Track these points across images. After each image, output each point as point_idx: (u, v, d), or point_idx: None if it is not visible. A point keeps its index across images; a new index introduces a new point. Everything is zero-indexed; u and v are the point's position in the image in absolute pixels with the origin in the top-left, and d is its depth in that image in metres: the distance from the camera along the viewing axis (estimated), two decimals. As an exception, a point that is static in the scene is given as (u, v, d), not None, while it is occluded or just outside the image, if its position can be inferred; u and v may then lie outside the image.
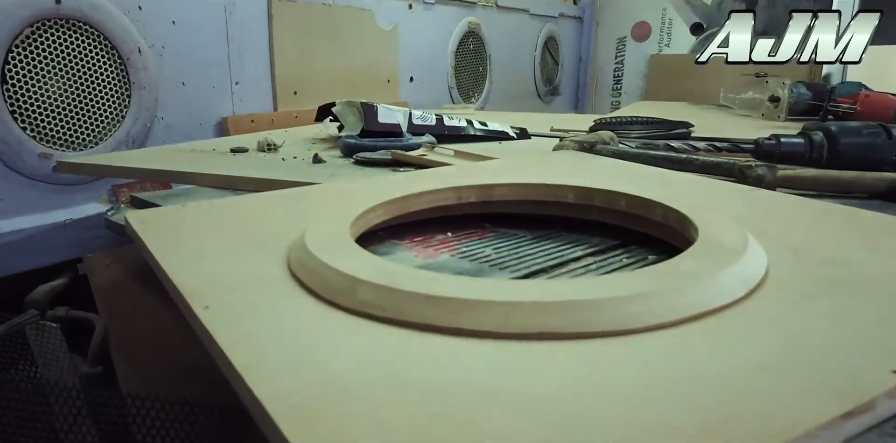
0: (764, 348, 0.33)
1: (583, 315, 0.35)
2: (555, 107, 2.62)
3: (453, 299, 0.36)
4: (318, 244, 0.45)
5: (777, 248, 0.47)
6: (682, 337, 0.34)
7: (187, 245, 0.50)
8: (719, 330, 0.35)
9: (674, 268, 0.40)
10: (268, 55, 1.38)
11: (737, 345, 0.33)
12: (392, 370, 0.31)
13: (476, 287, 0.37)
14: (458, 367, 0.32)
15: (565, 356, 0.33)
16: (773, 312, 0.37)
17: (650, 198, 0.55)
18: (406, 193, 0.61)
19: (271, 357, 0.33)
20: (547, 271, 0.53)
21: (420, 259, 0.55)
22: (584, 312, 0.35)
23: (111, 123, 1.13)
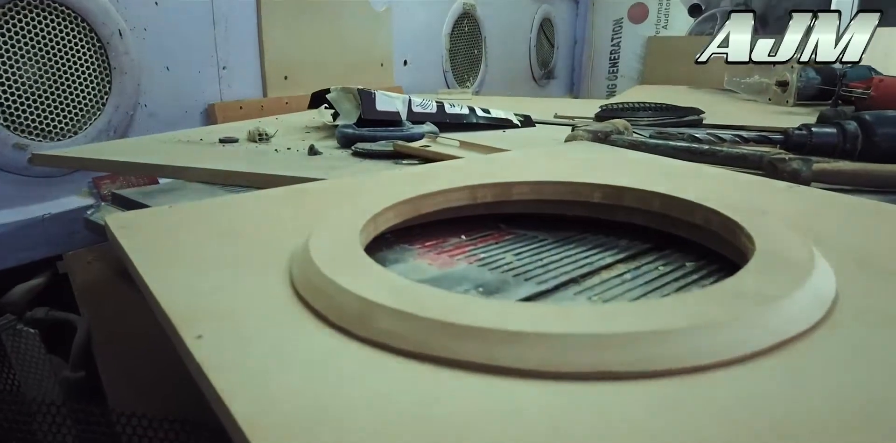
0: (863, 383, 0.28)
1: (648, 350, 0.30)
2: (550, 90, 2.56)
3: (491, 331, 0.31)
4: (325, 257, 0.39)
5: (838, 258, 0.42)
6: (762, 374, 0.29)
7: (175, 256, 0.44)
8: (805, 364, 0.30)
9: (738, 288, 0.35)
10: (256, 38, 1.31)
11: (831, 381, 0.28)
12: (420, 418, 0.26)
13: (517, 315, 0.32)
14: (501, 414, 0.27)
15: (630, 400, 0.28)
16: (860, 339, 0.32)
17: (688, 198, 0.50)
18: (415, 190, 0.55)
19: (279, 406, 0.27)
20: (577, 282, 0.47)
21: (436, 268, 0.49)
22: (650, 347, 0.30)
23: (91, 111, 1.06)
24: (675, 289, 0.45)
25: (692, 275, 0.48)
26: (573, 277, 0.48)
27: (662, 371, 0.29)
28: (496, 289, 0.45)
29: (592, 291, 0.45)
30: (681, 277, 0.48)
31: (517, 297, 0.44)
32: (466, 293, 0.44)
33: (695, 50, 2.08)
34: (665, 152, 0.79)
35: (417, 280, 0.47)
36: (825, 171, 0.66)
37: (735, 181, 0.61)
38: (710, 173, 0.64)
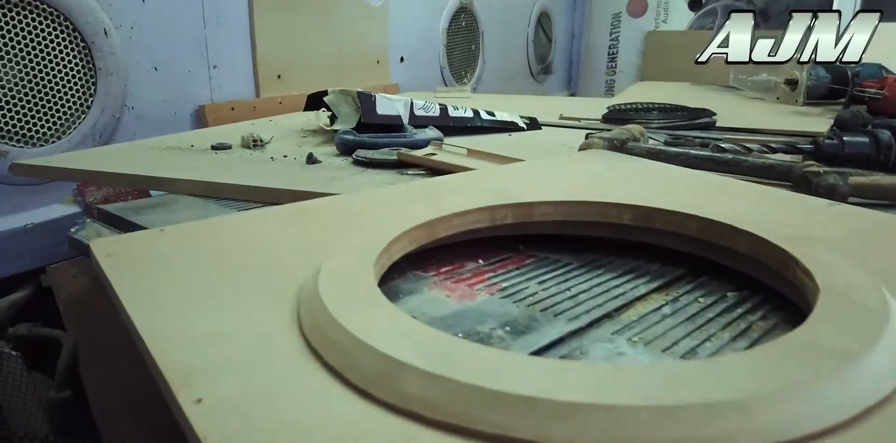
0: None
1: (726, 425, 0.25)
2: (548, 86, 2.52)
3: (541, 401, 0.26)
4: (337, 301, 0.35)
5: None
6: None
7: (168, 294, 0.39)
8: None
9: (814, 341, 0.31)
10: (248, 36, 1.25)
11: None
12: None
13: (570, 380, 0.28)
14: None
15: None
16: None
17: (729, 223, 0.46)
18: (428, 209, 0.51)
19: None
20: (612, 317, 0.43)
21: (455, 301, 0.45)
22: (727, 420, 0.26)
23: (75, 114, 1.00)
24: (722, 326, 0.41)
25: (736, 308, 0.44)
26: (607, 312, 0.44)
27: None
28: (525, 327, 0.41)
29: (631, 330, 0.41)
30: (724, 312, 0.44)
31: (549, 337, 0.39)
32: (492, 333, 0.40)
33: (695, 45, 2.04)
34: (686, 162, 0.75)
35: (437, 317, 0.42)
36: (862, 185, 0.62)
37: (771, 198, 0.57)
38: (741, 188, 0.60)
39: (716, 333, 0.41)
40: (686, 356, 0.37)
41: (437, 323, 0.41)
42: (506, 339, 0.39)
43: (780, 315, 0.43)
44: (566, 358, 0.37)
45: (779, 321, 0.42)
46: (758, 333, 0.41)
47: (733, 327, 0.41)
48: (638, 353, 0.38)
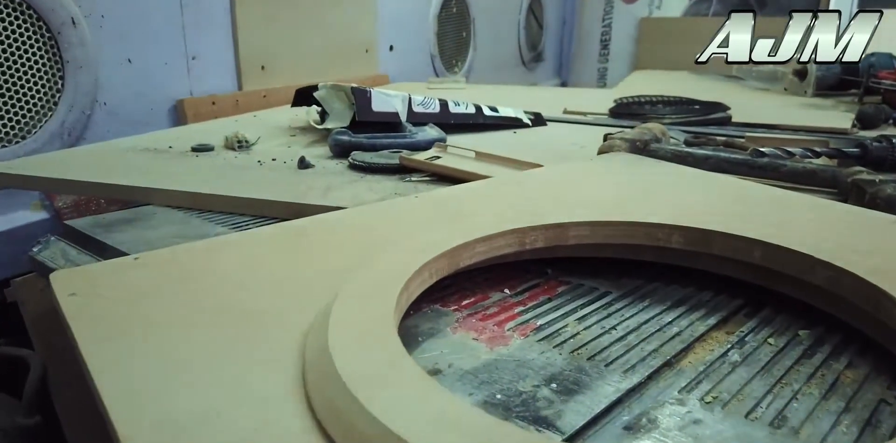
0: None
1: None
2: (539, 74, 2.44)
3: None
4: (354, 366, 0.28)
5: None
6: None
7: (142, 354, 0.32)
8: None
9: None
10: (229, 24, 1.17)
11: None
12: None
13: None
14: None
15: None
16: None
17: (805, 251, 0.39)
18: (447, 230, 0.44)
19: None
20: (671, 365, 0.37)
21: (485, 346, 0.38)
22: None
23: (41, 111, 0.92)
24: (806, 379, 0.35)
25: (815, 352, 0.38)
26: (666, 360, 0.37)
27: None
28: (574, 384, 0.34)
29: (699, 385, 0.34)
30: (803, 357, 0.37)
31: (606, 398, 0.33)
32: (537, 393, 0.33)
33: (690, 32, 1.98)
34: (717, 165, 0.69)
35: (468, 369, 0.36)
36: (920, 195, 0.55)
37: (829, 214, 0.50)
38: (794, 202, 0.53)
39: (801, 388, 0.34)
40: (775, 424, 0.31)
41: (470, 379, 0.35)
42: (555, 402, 0.33)
43: (869, 361, 0.37)
44: (633, 428, 0.31)
45: (870, 371, 0.36)
46: (850, 387, 0.34)
47: (819, 380, 0.35)
48: (717, 420, 0.31)
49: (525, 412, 0.32)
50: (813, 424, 0.31)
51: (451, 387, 0.34)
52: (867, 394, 0.34)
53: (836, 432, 0.31)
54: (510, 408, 0.32)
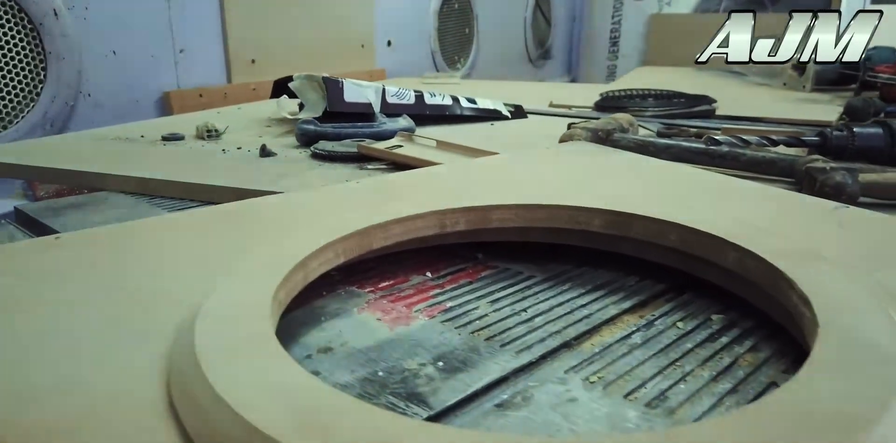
0: None
1: None
2: (547, 72, 2.43)
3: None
4: (213, 339, 0.28)
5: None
6: None
7: (32, 324, 0.32)
8: None
9: (811, 401, 0.23)
10: (218, 16, 1.18)
11: None
12: None
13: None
14: None
15: None
16: None
17: (716, 234, 0.38)
18: (371, 213, 0.43)
19: None
20: (570, 346, 0.36)
21: (386, 327, 0.38)
22: None
23: (22, 102, 0.93)
24: (702, 361, 0.34)
25: (721, 336, 0.37)
26: (566, 341, 0.36)
27: None
28: (462, 363, 0.34)
29: (591, 366, 0.34)
30: (706, 341, 0.36)
31: (489, 376, 0.32)
32: (421, 371, 0.33)
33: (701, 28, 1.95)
34: (677, 155, 0.67)
35: (359, 348, 0.35)
36: (874, 183, 0.54)
37: (771, 200, 0.49)
38: (739, 189, 0.52)
39: (693, 370, 0.33)
40: (653, 404, 0.30)
41: (358, 357, 0.34)
42: (435, 379, 0.32)
43: (774, 345, 0.36)
44: (504, 406, 0.30)
45: (771, 354, 0.35)
46: (745, 370, 0.33)
47: (715, 363, 0.34)
48: (593, 398, 0.31)
49: (401, 389, 0.31)
50: (692, 404, 0.30)
51: (336, 364, 0.34)
52: (760, 377, 0.33)
53: (714, 412, 0.30)
54: (387, 384, 0.32)
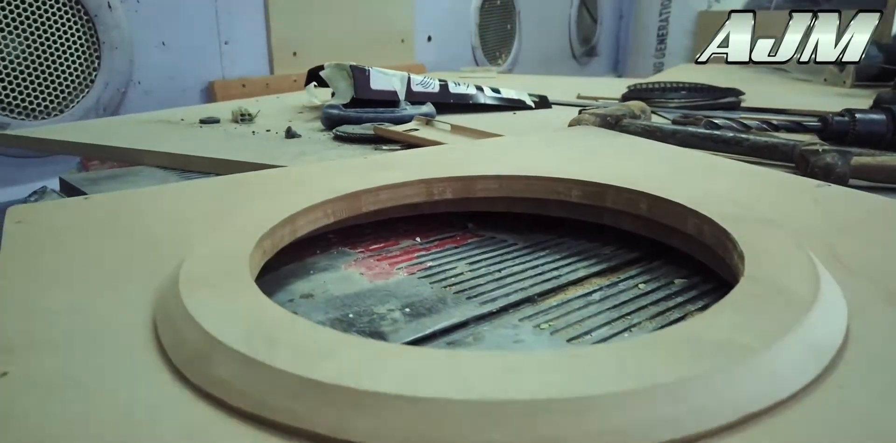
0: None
1: (554, 427, 0.21)
2: (592, 69, 2.43)
3: (344, 389, 0.23)
4: (196, 273, 0.32)
5: (860, 287, 0.32)
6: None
7: (49, 263, 0.37)
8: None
9: (701, 334, 0.26)
10: (262, 11, 1.24)
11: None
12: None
13: (391, 366, 0.24)
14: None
15: None
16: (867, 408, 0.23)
17: (679, 201, 0.41)
18: (365, 180, 0.47)
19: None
20: (533, 301, 0.39)
21: (367, 280, 0.41)
22: (557, 422, 0.21)
23: (78, 88, 1.01)
24: (652, 316, 0.37)
25: (677, 297, 0.39)
26: (529, 296, 0.39)
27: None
28: (427, 310, 0.37)
29: (547, 316, 0.37)
30: (662, 300, 0.39)
31: (448, 321, 0.35)
32: (388, 315, 0.36)
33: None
34: (683, 140, 0.69)
35: (337, 295, 0.39)
36: (867, 166, 0.55)
37: (755, 178, 0.51)
38: (727, 168, 0.54)
39: (641, 322, 0.36)
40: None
41: (335, 303, 0.38)
42: (399, 321, 0.36)
43: (726, 306, 0.38)
44: (455, 344, 0.33)
45: (720, 313, 0.37)
46: (689, 324, 0.36)
47: (664, 317, 0.37)
48: (539, 341, 0.34)
49: (366, 327, 0.35)
50: (628, 349, 0.33)
51: (314, 307, 0.37)
52: (701, 330, 0.35)
53: (647, 357, 0.32)
54: (355, 324, 0.35)
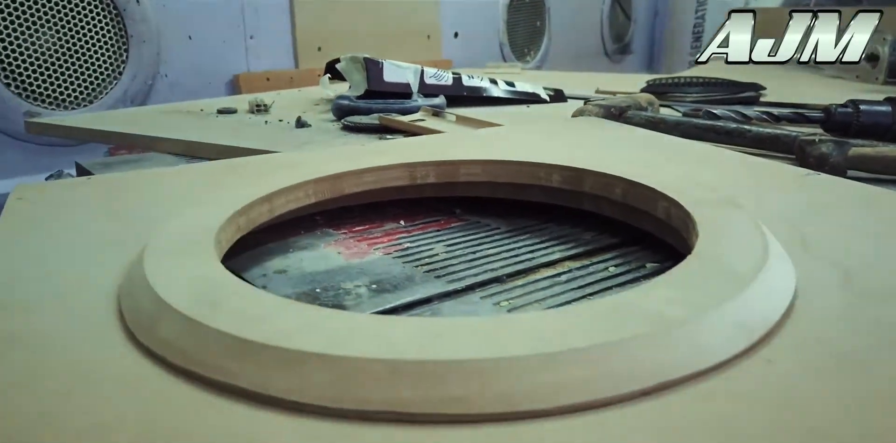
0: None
1: (462, 388, 0.22)
2: (625, 67, 2.41)
3: (272, 348, 0.24)
4: (163, 244, 0.33)
5: (818, 269, 0.32)
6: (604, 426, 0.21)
7: (39, 234, 0.39)
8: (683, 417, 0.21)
9: (631, 305, 0.26)
10: (288, 6, 1.26)
11: None
12: None
13: (321, 328, 0.25)
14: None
15: None
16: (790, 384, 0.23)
17: (652, 185, 0.41)
18: (352, 164, 0.48)
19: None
20: (501, 281, 0.39)
21: (342, 258, 0.42)
22: (465, 383, 0.22)
23: (106, 80, 1.04)
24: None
25: (645, 280, 0.39)
26: (498, 276, 0.40)
27: (472, 415, 0.22)
28: (393, 287, 0.38)
29: (510, 294, 0.37)
30: (629, 282, 0.39)
31: (411, 297, 0.36)
32: (354, 290, 0.37)
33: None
34: (686, 132, 0.69)
35: (308, 272, 0.40)
36: (865, 156, 0.54)
37: (745, 167, 0.51)
38: (718, 157, 0.54)
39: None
40: (546, 325, 0.33)
41: (305, 278, 0.39)
42: (363, 296, 0.37)
43: (692, 289, 0.38)
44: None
45: (683, 295, 0.37)
46: (649, 305, 0.36)
47: (625, 299, 0.37)
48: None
49: (329, 301, 0.36)
50: (581, 326, 0.33)
51: (284, 282, 0.39)
52: (660, 311, 0.35)
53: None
54: (319, 298, 0.36)
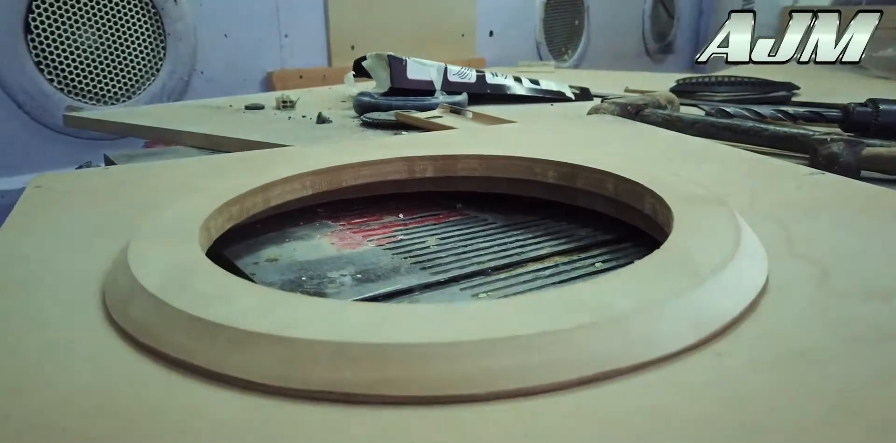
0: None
1: (401, 370, 0.23)
2: (667, 66, 2.37)
3: (227, 328, 0.25)
4: (152, 230, 0.35)
5: (795, 268, 0.32)
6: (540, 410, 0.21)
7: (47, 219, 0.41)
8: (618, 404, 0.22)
9: (585, 296, 0.26)
10: (322, 5, 1.28)
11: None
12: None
13: (277, 312, 0.26)
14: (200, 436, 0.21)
15: (363, 431, 0.21)
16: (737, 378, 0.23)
17: (641, 182, 0.41)
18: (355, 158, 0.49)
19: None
20: (486, 274, 0.40)
21: (334, 249, 0.43)
22: (404, 365, 0.23)
23: (145, 76, 1.08)
24: (593, 291, 0.37)
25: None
26: (484, 269, 0.40)
27: (405, 397, 0.22)
28: (377, 277, 0.39)
29: (491, 287, 0.38)
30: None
31: (392, 287, 0.37)
32: (338, 279, 0.38)
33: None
34: (703, 131, 0.68)
35: (298, 261, 0.41)
36: (879, 156, 0.53)
37: (748, 165, 0.50)
38: (725, 155, 0.53)
39: (577, 296, 0.36)
40: (519, 316, 0.34)
41: (293, 267, 0.40)
42: (346, 285, 0.38)
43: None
44: (388, 307, 0.35)
45: (664, 291, 0.37)
46: (626, 300, 0.36)
47: (605, 294, 0.37)
48: (469, 309, 0.35)
49: (311, 289, 0.37)
50: (553, 319, 0.34)
51: (273, 270, 0.40)
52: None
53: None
54: (302, 285, 0.37)
